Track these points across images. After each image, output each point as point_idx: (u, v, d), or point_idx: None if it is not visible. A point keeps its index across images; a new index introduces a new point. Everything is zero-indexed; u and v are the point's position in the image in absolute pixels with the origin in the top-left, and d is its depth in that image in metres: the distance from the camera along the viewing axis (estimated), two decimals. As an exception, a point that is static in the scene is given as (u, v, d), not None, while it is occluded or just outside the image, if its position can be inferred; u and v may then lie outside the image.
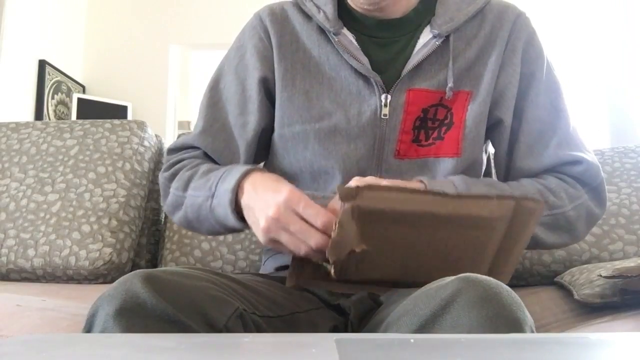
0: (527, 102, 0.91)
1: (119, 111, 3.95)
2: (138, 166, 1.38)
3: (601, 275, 0.93)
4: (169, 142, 1.12)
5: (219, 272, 0.75)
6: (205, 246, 1.32)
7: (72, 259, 1.23)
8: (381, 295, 0.81)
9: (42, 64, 3.63)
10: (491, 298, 0.57)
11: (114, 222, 1.28)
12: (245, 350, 0.47)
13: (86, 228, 1.26)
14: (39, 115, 3.58)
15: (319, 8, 0.92)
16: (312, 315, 0.81)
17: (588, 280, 0.99)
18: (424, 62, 0.88)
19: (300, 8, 0.95)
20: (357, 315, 0.82)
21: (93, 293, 0.75)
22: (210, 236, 1.31)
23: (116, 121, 1.45)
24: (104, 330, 0.59)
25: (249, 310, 0.70)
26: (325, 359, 0.40)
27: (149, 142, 1.44)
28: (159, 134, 1.57)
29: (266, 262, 1.00)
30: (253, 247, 1.31)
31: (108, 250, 1.25)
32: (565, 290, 1.07)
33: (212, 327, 0.63)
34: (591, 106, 3.30)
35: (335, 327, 0.82)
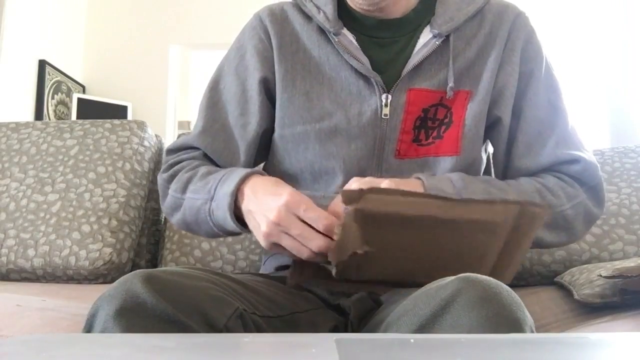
0: (526, 101, 0.91)
1: (119, 111, 3.95)
2: (138, 166, 1.38)
3: (601, 275, 0.93)
4: (169, 142, 1.12)
5: (219, 272, 0.74)
6: (205, 246, 1.32)
7: (72, 259, 1.23)
8: (381, 295, 0.81)
9: (42, 64, 3.63)
10: (491, 298, 0.57)
11: (114, 222, 1.28)
12: (245, 350, 0.47)
13: (86, 228, 1.26)
14: (39, 115, 3.58)
15: (319, 8, 0.92)
16: (312, 315, 0.81)
17: (588, 280, 0.99)
18: (424, 62, 0.88)
19: (300, 9, 0.94)
20: (357, 315, 0.82)
21: (93, 293, 0.75)
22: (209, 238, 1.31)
23: (116, 121, 1.45)
24: (104, 330, 0.59)
25: (249, 310, 0.70)
26: (325, 359, 0.40)
27: (149, 142, 1.44)
28: (159, 134, 1.57)
29: (266, 262, 1.00)
30: (253, 247, 1.31)
31: (108, 250, 1.25)
32: (565, 290, 1.07)
33: (212, 327, 0.63)
34: (591, 106, 3.29)
35: (335, 327, 0.82)
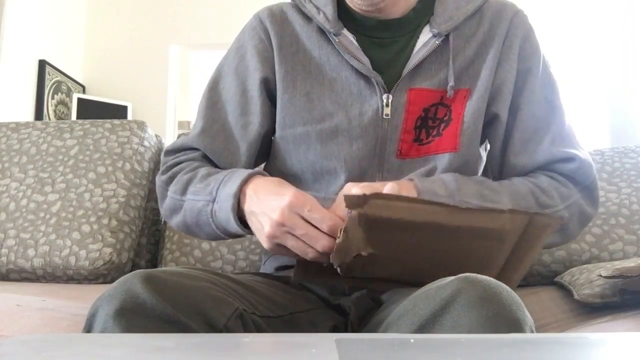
0: (523, 98, 0.91)
1: (119, 111, 3.95)
2: (138, 166, 1.38)
3: (601, 275, 0.93)
4: (169, 142, 1.11)
5: (219, 272, 0.74)
6: (205, 246, 1.32)
7: (72, 259, 1.23)
8: (382, 294, 0.81)
9: (42, 64, 3.63)
10: (491, 298, 0.57)
11: (114, 222, 1.28)
12: (245, 350, 0.47)
13: (86, 228, 1.26)
14: (39, 115, 3.58)
15: (319, 9, 0.91)
16: (312, 315, 0.81)
17: (588, 280, 0.99)
18: (424, 62, 0.88)
19: (299, 9, 0.94)
20: (357, 314, 0.82)
21: (93, 293, 0.75)
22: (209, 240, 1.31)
23: (116, 121, 1.45)
24: (104, 330, 0.59)
25: (249, 310, 0.70)
26: (325, 359, 0.40)
27: (149, 142, 1.44)
28: (159, 134, 1.57)
29: (266, 262, 1.00)
30: (253, 247, 1.31)
31: (108, 250, 1.25)
32: (565, 290, 1.07)
33: (212, 327, 0.63)
34: (591, 106, 3.29)
35: (335, 327, 0.82)
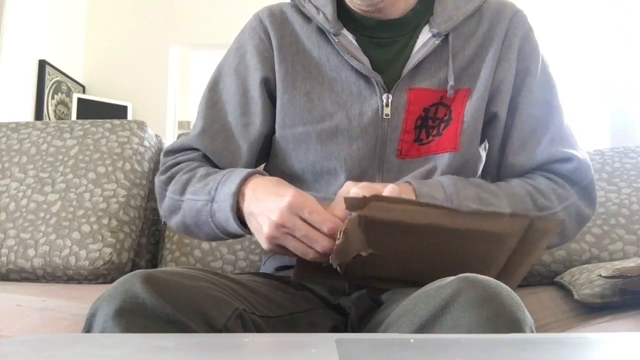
0: (521, 98, 0.91)
1: (119, 111, 3.95)
2: (138, 166, 1.38)
3: (601, 275, 0.93)
4: (169, 142, 1.11)
5: (219, 273, 0.74)
6: (205, 246, 1.32)
7: (72, 259, 1.23)
8: (382, 294, 0.81)
9: (42, 64, 3.63)
10: (491, 298, 0.57)
11: (114, 222, 1.28)
12: (245, 350, 0.47)
13: (86, 228, 1.26)
14: (39, 115, 3.58)
15: (319, 9, 0.91)
16: (312, 315, 0.81)
17: (588, 280, 0.99)
18: (424, 62, 0.88)
19: (299, 9, 0.94)
20: (357, 315, 0.82)
21: (93, 293, 0.75)
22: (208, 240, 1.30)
23: (116, 121, 1.45)
24: (104, 330, 0.59)
25: (249, 310, 0.70)
26: (325, 359, 0.40)
27: (149, 142, 1.44)
28: (159, 134, 1.57)
29: (266, 263, 1.00)
30: (253, 247, 1.31)
31: (108, 250, 1.25)
32: (565, 290, 1.07)
33: (212, 327, 0.63)
34: (591, 106, 3.29)
35: (334, 327, 0.82)
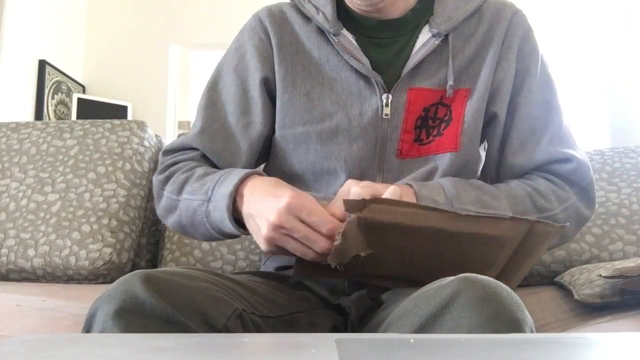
0: (521, 98, 0.91)
1: (119, 111, 3.95)
2: (138, 166, 1.38)
3: (601, 275, 0.93)
4: (169, 142, 1.11)
5: (218, 273, 0.74)
6: (205, 246, 1.32)
7: (72, 259, 1.23)
8: (382, 294, 0.81)
9: (42, 64, 3.63)
10: (491, 298, 0.57)
11: (114, 222, 1.28)
12: (245, 350, 0.47)
13: (86, 228, 1.26)
14: (39, 115, 3.58)
15: (318, 9, 0.91)
16: (312, 315, 0.81)
17: (588, 280, 0.99)
18: (424, 62, 0.88)
19: (298, 9, 0.94)
20: (357, 315, 0.82)
21: (93, 293, 0.75)
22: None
23: (116, 121, 1.45)
24: (103, 330, 0.59)
25: (249, 310, 0.70)
26: (325, 359, 0.40)
27: (149, 142, 1.44)
28: (159, 134, 1.57)
29: (266, 263, 1.00)
30: (253, 247, 1.31)
31: (108, 250, 1.25)
32: (565, 290, 1.07)
33: (212, 328, 0.63)
34: (591, 106, 3.30)
35: (334, 327, 0.82)
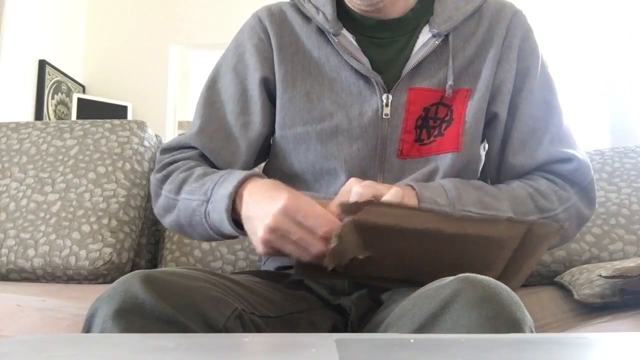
0: (521, 99, 0.91)
1: (119, 111, 3.95)
2: (138, 166, 1.38)
3: (601, 275, 0.93)
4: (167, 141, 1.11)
5: (218, 273, 0.74)
6: (205, 246, 1.32)
7: (72, 259, 1.23)
8: (382, 294, 0.81)
9: (42, 64, 3.62)
10: (490, 298, 0.57)
11: (114, 222, 1.28)
12: (245, 350, 0.47)
13: (86, 228, 1.26)
14: (39, 115, 3.58)
15: (318, 9, 0.91)
16: (312, 315, 0.81)
17: (588, 280, 0.99)
18: (424, 62, 0.88)
19: (298, 9, 0.94)
20: (357, 315, 0.82)
21: (93, 293, 0.75)
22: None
23: (116, 121, 1.45)
24: (103, 330, 0.59)
25: (248, 310, 0.70)
26: (325, 359, 0.40)
27: (149, 142, 1.44)
28: (159, 134, 1.57)
29: (266, 262, 1.00)
30: (253, 247, 1.31)
31: (108, 250, 1.25)
32: (565, 290, 1.07)
33: (211, 328, 0.63)
34: (591, 106, 3.30)
35: (334, 327, 0.82)
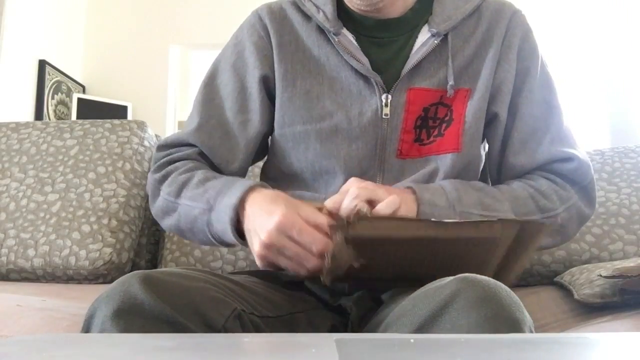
0: (521, 99, 0.91)
1: (119, 111, 3.95)
2: (138, 166, 1.38)
3: (601, 275, 0.93)
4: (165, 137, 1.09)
5: (217, 273, 0.74)
6: (205, 246, 1.32)
7: (72, 259, 1.23)
8: (382, 294, 0.81)
9: (42, 64, 3.62)
10: (490, 298, 0.57)
11: (114, 222, 1.28)
12: (245, 350, 0.47)
13: (86, 228, 1.26)
14: (39, 115, 3.58)
15: (318, 8, 0.91)
16: (311, 315, 0.81)
17: (588, 280, 0.99)
18: (423, 61, 0.88)
19: (298, 7, 0.94)
20: (358, 314, 0.82)
21: (93, 293, 0.75)
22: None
23: (116, 121, 1.45)
24: (102, 331, 0.59)
25: (248, 310, 0.70)
26: (325, 359, 0.40)
27: (149, 142, 1.44)
28: (159, 134, 1.57)
29: (266, 263, 1.00)
30: (253, 247, 1.31)
31: (108, 250, 1.25)
32: (565, 290, 1.07)
33: (211, 328, 0.63)
34: (591, 106, 3.30)
35: (333, 327, 0.82)
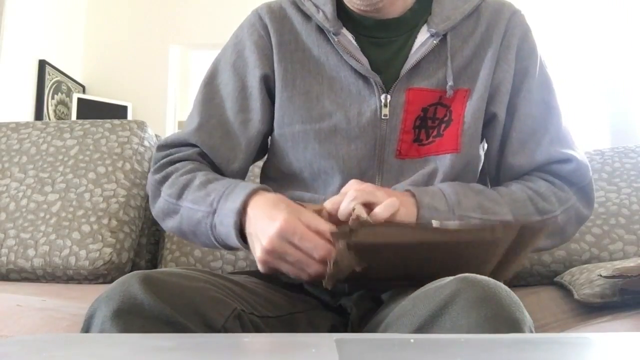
0: (520, 99, 0.91)
1: (119, 111, 3.95)
2: (138, 166, 1.38)
3: (601, 275, 0.93)
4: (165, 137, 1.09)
5: (217, 273, 0.74)
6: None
7: (72, 259, 1.23)
8: (382, 294, 0.82)
9: (42, 64, 3.62)
10: (490, 298, 0.57)
11: (114, 222, 1.28)
12: (245, 350, 0.47)
13: (86, 228, 1.26)
14: (39, 115, 3.58)
15: (318, 8, 0.91)
16: (311, 315, 0.81)
17: (588, 280, 0.99)
18: (422, 62, 0.88)
19: (298, 7, 0.94)
20: (358, 314, 0.82)
21: (93, 293, 0.75)
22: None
23: (116, 121, 1.45)
24: (102, 331, 0.59)
25: (247, 310, 0.70)
26: (325, 359, 0.40)
27: (149, 142, 1.44)
28: (159, 134, 1.57)
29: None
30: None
31: (108, 250, 1.25)
32: (565, 290, 1.07)
33: (210, 328, 0.63)
34: (591, 106, 3.30)
35: (333, 327, 0.82)
